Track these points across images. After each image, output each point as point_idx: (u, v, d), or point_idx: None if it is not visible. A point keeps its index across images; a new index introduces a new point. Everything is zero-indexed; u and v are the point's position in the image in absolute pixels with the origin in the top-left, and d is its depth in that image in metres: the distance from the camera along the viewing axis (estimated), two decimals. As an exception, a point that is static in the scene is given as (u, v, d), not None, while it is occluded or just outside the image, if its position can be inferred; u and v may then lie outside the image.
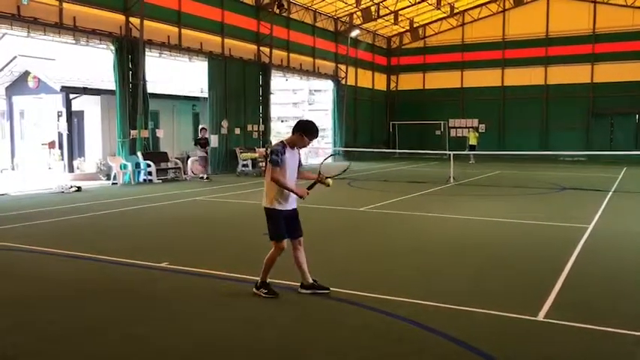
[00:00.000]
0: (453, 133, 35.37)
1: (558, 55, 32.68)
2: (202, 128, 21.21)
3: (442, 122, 35.57)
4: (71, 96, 19.57)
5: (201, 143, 20.19)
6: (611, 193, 15.51)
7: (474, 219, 11.13)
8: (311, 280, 6.01)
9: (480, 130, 34.01)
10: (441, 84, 35.99)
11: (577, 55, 32.19)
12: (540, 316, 5.23)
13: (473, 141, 29.73)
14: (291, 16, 27.16)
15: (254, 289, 5.94)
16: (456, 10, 33.43)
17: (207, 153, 20.48)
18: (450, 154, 20.43)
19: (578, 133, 32.24)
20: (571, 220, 10.90)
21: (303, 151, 6.78)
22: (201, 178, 19.62)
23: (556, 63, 32.82)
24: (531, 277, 6.75)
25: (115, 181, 18.08)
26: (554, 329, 4.96)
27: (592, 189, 16.41)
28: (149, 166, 18.83)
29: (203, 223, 10.99)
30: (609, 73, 31.50)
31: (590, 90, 32.14)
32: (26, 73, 20.99)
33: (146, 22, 18.85)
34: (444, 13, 33.39)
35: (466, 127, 34.82)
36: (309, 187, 6.11)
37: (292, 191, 5.85)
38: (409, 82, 37.34)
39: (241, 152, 22.83)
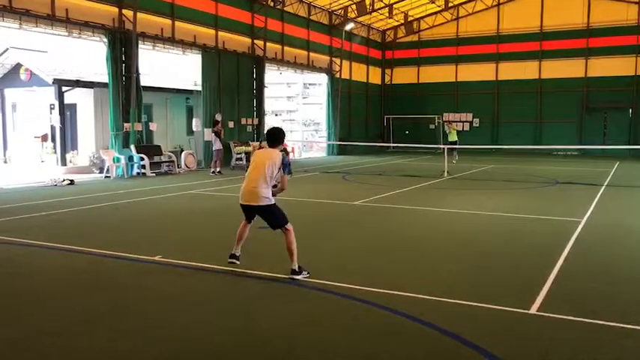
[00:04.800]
0: (447, 127, 35.35)
1: (552, 49, 32.74)
2: (217, 121, 20.62)
3: (436, 116, 35.60)
4: (64, 89, 19.43)
5: (219, 135, 19.78)
6: (604, 187, 15.58)
7: (468, 213, 11.16)
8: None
9: (474, 124, 34.11)
10: (436, 78, 36.00)
11: (571, 50, 32.26)
12: (533, 310, 5.25)
13: (453, 137, 25.75)
14: (285, 8, 27.05)
15: (295, 276, 6.27)
16: (450, 4, 33.38)
17: (222, 145, 19.99)
18: (443, 148, 20.46)
19: (572, 128, 32.34)
20: (564, 213, 10.94)
21: (296, 145, 6.90)
22: (213, 172, 19.19)
23: (550, 57, 32.87)
24: (524, 271, 6.78)
25: (108, 175, 18.00)
26: (547, 322, 4.98)
27: (585, 183, 16.48)
28: (142, 159, 18.75)
29: (196, 217, 10.96)
30: (603, 67, 31.58)
31: (584, 84, 32.21)
32: (18, 66, 20.83)
33: (139, 15, 18.73)
34: (439, 6, 33.36)
35: (460, 121, 34.88)
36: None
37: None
38: (404, 75, 37.32)
39: (235, 146, 22.77)
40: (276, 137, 6.86)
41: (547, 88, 33.10)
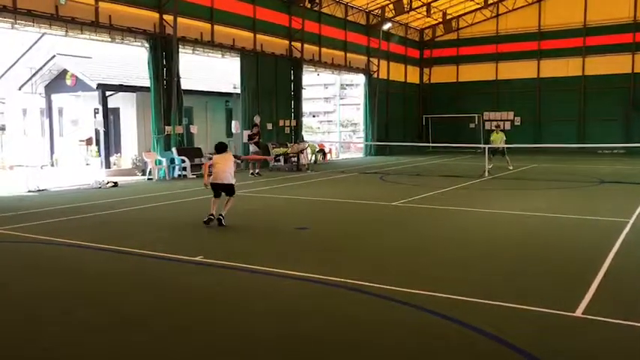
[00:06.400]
0: (487, 126, 34.73)
1: (596, 45, 31.78)
2: (255, 125, 20.88)
3: (476, 115, 35.05)
4: (107, 93, 19.96)
5: (254, 138, 20.10)
6: (652, 186, 15.06)
7: (510, 213, 10.95)
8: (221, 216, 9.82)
9: (516, 123, 33.28)
10: (475, 76, 35.44)
11: (616, 45, 31.24)
12: (578, 312, 5.11)
13: (499, 142, 21.32)
14: (322, 10, 27.10)
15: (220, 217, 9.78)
16: (490, 1, 32.82)
17: (259, 148, 20.28)
18: (484, 148, 20.12)
19: (618, 125, 31.32)
20: (610, 214, 10.61)
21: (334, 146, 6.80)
22: (252, 174, 19.38)
23: (594, 53, 31.93)
24: (569, 272, 6.60)
25: (150, 177, 18.38)
26: (593, 325, 4.84)
27: (632, 182, 15.95)
28: (183, 161, 19.08)
29: (236, 218, 11.06)
30: (651, 62, 30.51)
31: (631, 80, 31.18)
32: (64, 72, 21.51)
33: (179, 19, 19.06)
34: (478, 4, 32.85)
35: (500, 120, 34.23)
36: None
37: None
38: (442, 74, 36.89)
39: (274, 147, 22.92)
40: (223, 148, 10.51)
41: (591, 85, 32.18)
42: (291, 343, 4.60)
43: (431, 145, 33.54)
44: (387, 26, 30.82)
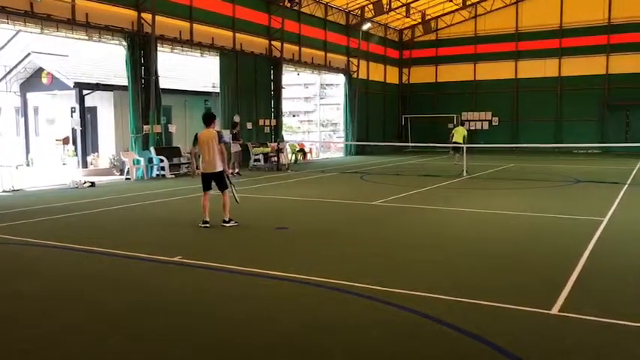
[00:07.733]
0: (466, 126, 35.04)
1: (572, 46, 32.29)
2: (235, 123, 20.82)
3: (455, 115, 35.33)
4: (84, 92, 19.70)
5: (237, 137, 20.08)
6: (626, 185, 15.33)
7: (488, 212, 11.06)
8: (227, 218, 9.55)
9: (493, 123, 33.57)
10: (454, 77, 35.76)
11: (592, 47, 31.77)
12: (555, 310, 5.18)
13: (459, 138, 22.49)
14: (302, 9, 27.09)
15: (224, 224, 9.45)
16: (468, 2, 33.15)
17: (240, 147, 20.27)
18: (463, 148, 20.32)
19: (593, 126, 31.88)
20: (586, 212, 10.78)
21: (314, 145, 6.86)
22: (231, 173, 19.19)
23: (570, 54, 32.44)
24: (546, 271, 6.69)
25: (128, 177, 18.19)
26: (570, 323, 4.91)
27: (607, 182, 16.24)
28: (162, 161, 18.92)
29: (215, 218, 11.01)
30: (625, 64, 31.07)
31: (605, 81, 31.74)
32: (40, 70, 21.19)
33: (158, 18, 18.89)
34: (457, 5, 33.14)
35: (479, 120, 34.58)
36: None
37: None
38: (421, 75, 37.14)
39: (253, 147, 22.84)
40: (209, 119, 9.67)
41: (567, 86, 32.68)
42: (269, 344, 4.58)
43: (410, 144, 33.74)
44: (366, 26, 30.92)
